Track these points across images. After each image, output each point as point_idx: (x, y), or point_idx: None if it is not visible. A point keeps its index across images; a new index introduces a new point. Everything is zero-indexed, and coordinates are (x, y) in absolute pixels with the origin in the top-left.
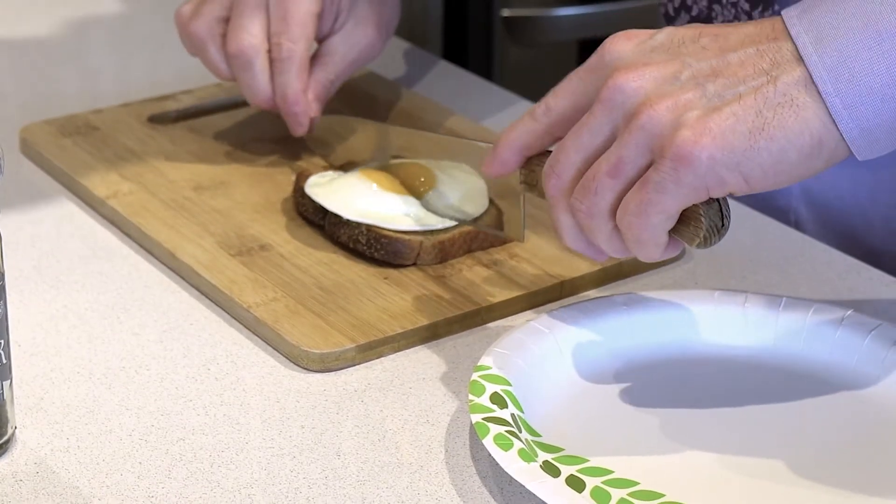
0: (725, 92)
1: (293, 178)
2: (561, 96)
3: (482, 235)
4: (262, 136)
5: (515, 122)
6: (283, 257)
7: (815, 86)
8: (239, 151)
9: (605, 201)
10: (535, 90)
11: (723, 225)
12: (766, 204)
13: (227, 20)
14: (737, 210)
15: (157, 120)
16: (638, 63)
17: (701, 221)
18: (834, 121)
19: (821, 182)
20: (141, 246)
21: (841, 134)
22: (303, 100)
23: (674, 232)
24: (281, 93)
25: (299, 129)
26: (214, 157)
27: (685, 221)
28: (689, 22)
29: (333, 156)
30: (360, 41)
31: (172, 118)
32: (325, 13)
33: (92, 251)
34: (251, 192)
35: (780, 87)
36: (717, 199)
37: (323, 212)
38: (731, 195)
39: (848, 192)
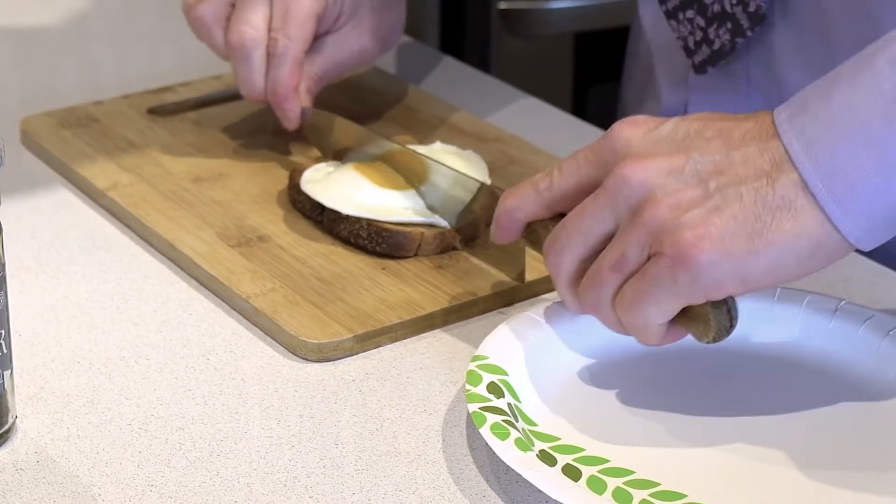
0: (727, 191)
1: (312, 160)
2: (566, 175)
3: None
4: (262, 128)
5: (516, 189)
6: (281, 248)
7: (811, 192)
8: (238, 143)
9: (608, 294)
10: (531, 82)
11: (731, 325)
12: None
13: (233, 5)
14: None
15: (156, 112)
16: (645, 154)
17: (710, 324)
18: (835, 226)
19: None
20: (140, 237)
21: (843, 237)
22: (293, 96)
23: (683, 326)
24: (272, 88)
25: (289, 124)
26: (213, 148)
27: (695, 319)
28: (710, 55)
29: (327, 146)
30: (352, 45)
31: (172, 110)
32: (327, 14)
33: (92, 241)
34: (250, 183)
35: (778, 190)
36: (725, 299)
37: (320, 208)
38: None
39: None
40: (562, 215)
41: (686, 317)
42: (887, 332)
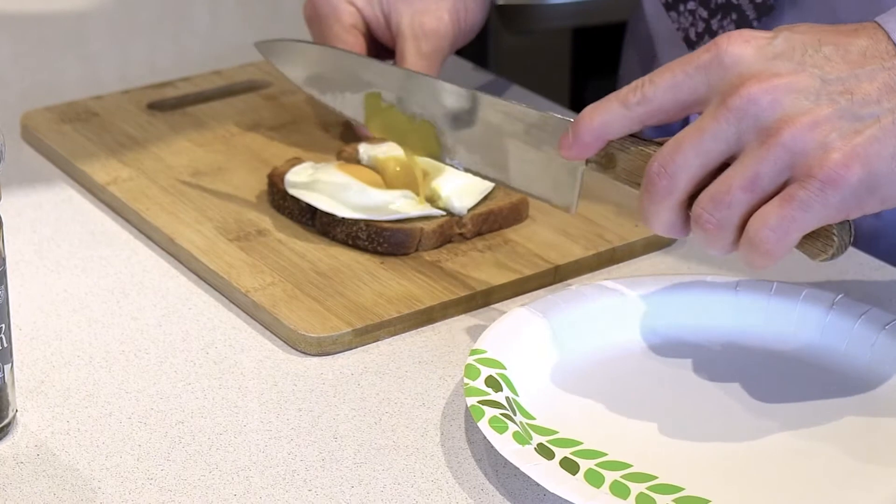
0: (862, 112)
1: (289, 162)
2: (662, 89)
3: (492, 217)
4: (260, 122)
5: (598, 105)
6: (280, 242)
7: None
8: (237, 138)
9: (736, 215)
10: (529, 78)
11: (850, 241)
12: None
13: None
14: None
15: (156, 107)
16: (767, 73)
17: (832, 240)
18: None
19: None
20: (140, 231)
21: None
22: None
23: (798, 245)
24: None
25: None
26: (213, 143)
27: (814, 237)
28: None
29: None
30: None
31: (171, 105)
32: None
33: (92, 236)
34: (249, 177)
35: None
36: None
37: (310, 211)
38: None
39: None
40: (634, 136)
41: (805, 235)
42: (883, 326)
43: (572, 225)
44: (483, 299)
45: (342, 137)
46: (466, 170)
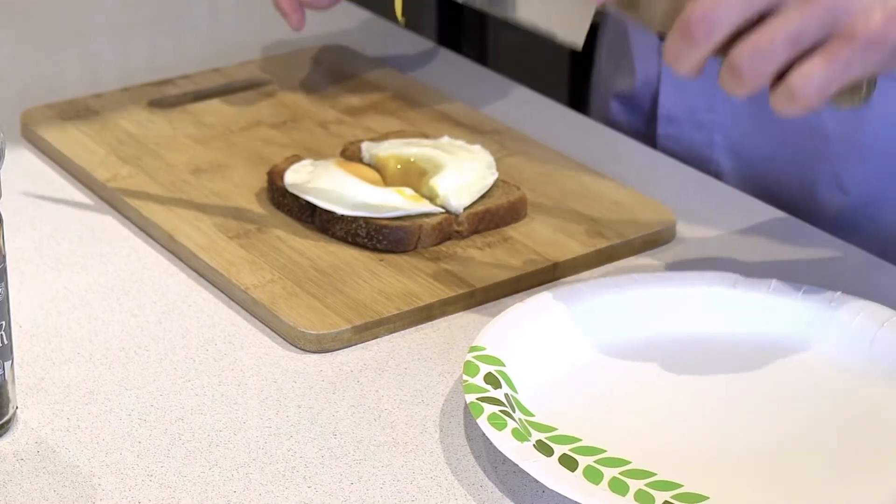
0: None
1: (288, 160)
2: None
3: (488, 216)
4: (260, 120)
5: None
6: (280, 240)
7: None
8: (237, 135)
9: (774, 66)
10: (528, 74)
11: (875, 88)
12: (691, 154)
13: None
14: (730, 198)
15: (156, 104)
16: None
17: (861, 91)
18: None
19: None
20: (140, 228)
21: None
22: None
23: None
24: None
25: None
26: (212, 140)
27: (845, 89)
28: None
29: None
30: None
31: (171, 102)
32: None
33: (92, 233)
34: (248, 175)
35: None
36: None
37: (310, 209)
38: None
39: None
40: None
41: None
42: (882, 323)
43: (570, 221)
44: (482, 296)
45: (341, 136)
46: (464, 2)
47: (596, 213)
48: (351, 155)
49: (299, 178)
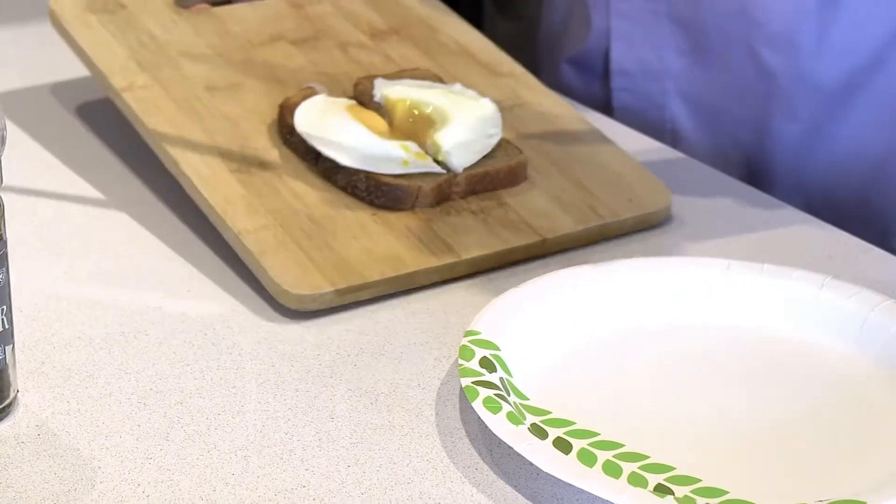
0: None
1: (301, 92)
2: None
3: (487, 178)
4: (282, 34)
5: None
6: (280, 180)
7: None
8: (257, 49)
9: None
10: (523, 63)
11: None
12: (646, 105)
13: None
14: (736, 193)
15: (182, 4)
16: None
17: None
18: None
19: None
20: (147, 144)
21: None
22: None
23: None
24: None
25: None
26: (232, 52)
27: None
28: None
29: None
30: None
31: (198, 3)
32: None
33: (92, 218)
34: (262, 100)
35: None
36: None
37: (315, 152)
38: None
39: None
40: None
41: None
42: (872, 308)
43: (567, 191)
44: (467, 267)
45: (359, 62)
46: None
47: (595, 185)
48: (363, 90)
49: (309, 117)
